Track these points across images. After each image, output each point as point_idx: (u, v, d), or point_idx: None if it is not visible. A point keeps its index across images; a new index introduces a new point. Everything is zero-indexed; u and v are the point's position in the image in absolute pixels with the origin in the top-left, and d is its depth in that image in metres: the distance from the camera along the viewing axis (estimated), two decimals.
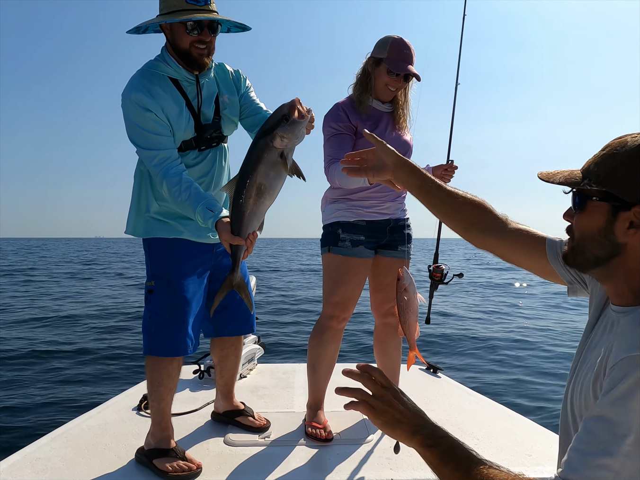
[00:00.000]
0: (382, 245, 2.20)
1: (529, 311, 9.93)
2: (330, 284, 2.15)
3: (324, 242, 2.18)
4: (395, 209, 2.21)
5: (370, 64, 2.10)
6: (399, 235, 2.22)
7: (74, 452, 1.91)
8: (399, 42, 2.04)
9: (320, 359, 2.15)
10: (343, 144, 2.04)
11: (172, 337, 1.81)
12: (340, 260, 2.11)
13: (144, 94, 1.68)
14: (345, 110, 2.08)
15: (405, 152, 2.15)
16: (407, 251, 2.24)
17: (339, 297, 2.12)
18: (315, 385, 2.18)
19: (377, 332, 2.37)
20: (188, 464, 1.78)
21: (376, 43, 2.10)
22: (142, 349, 1.85)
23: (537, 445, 2.01)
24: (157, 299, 1.82)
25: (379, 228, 2.16)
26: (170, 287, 1.82)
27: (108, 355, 5.89)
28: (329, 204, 2.19)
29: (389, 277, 2.21)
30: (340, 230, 2.11)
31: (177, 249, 1.85)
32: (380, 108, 2.15)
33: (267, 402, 2.53)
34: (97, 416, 2.29)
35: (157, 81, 1.74)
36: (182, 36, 1.70)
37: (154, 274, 1.85)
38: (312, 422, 2.12)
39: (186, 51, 1.72)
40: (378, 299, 2.28)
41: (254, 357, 3.12)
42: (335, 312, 2.13)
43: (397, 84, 2.08)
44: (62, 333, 7.22)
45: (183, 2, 1.66)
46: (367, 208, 2.13)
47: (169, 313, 1.81)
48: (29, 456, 1.88)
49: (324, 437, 2.04)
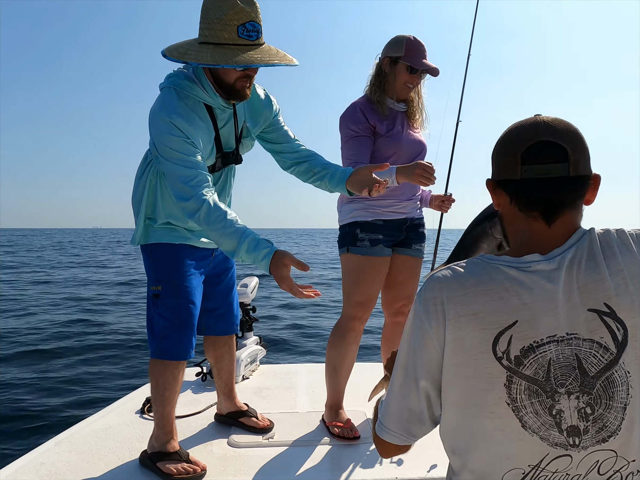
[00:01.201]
0: (397, 243, 2.20)
1: None
2: (350, 284, 2.14)
3: (342, 243, 2.17)
4: (412, 208, 2.21)
5: (387, 63, 2.09)
6: (414, 234, 2.24)
7: (78, 456, 1.91)
8: (414, 40, 2.06)
9: (341, 360, 2.15)
10: (363, 146, 2.05)
11: (182, 341, 1.82)
12: (359, 260, 2.11)
13: (184, 119, 1.60)
14: (363, 110, 2.07)
15: (420, 151, 2.19)
16: (421, 250, 2.27)
17: (361, 297, 2.12)
18: (336, 386, 2.18)
19: (386, 331, 2.36)
20: (192, 466, 1.77)
21: (387, 43, 2.11)
22: (150, 352, 1.86)
23: None
24: (166, 303, 1.82)
25: (396, 227, 2.16)
26: (178, 292, 1.82)
27: None
28: (346, 204, 2.18)
29: (402, 274, 2.23)
30: (359, 230, 2.10)
31: (184, 254, 1.86)
32: (395, 108, 2.15)
33: (270, 403, 2.52)
34: (100, 420, 2.29)
35: (193, 106, 1.66)
36: (228, 73, 1.61)
37: (161, 278, 1.84)
38: (336, 422, 2.12)
39: (228, 86, 1.65)
40: (390, 296, 2.28)
41: (256, 358, 3.12)
42: (357, 312, 2.13)
43: (416, 80, 2.10)
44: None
45: (234, 36, 1.51)
46: (384, 207, 2.13)
47: (178, 317, 1.81)
48: (33, 461, 1.87)
49: (352, 437, 2.04)
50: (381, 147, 2.10)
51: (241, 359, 2.88)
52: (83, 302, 10.52)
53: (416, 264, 2.27)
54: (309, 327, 8.01)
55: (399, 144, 2.10)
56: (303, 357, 6.06)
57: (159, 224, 1.84)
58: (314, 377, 2.95)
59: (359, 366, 3.15)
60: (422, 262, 2.31)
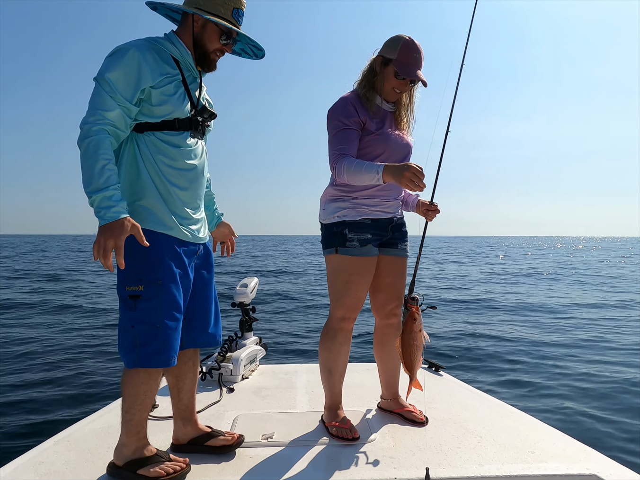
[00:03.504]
0: (382, 243, 2.18)
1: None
2: (340, 285, 2.10)
3: (330, 243, 2.11)
4: (396, 208, 2.21)
5: (379, 63, 2.06)
6: (398, 233, 2.23)
7: (77, 455, 1.92)
8: (409, 45, 1.99)
9: (335, 361, 2.14)
10: (351, 139, 2.00)
11: (168, 346, 1.67)
12: (349, 261, 2.07)
13: (149, 52, 1.63)
14: (354, 105, 2.02)
15: (406, 154, 2.15)
16: (406, 249, 2.25)
17: (351, 298, 2.09)
18: (333, 387, 2.17)
19: (378, 334, 2.33)
20: (177, 464, 1.73)
21: (386, 41, 2.06)
22: (125, 361, 1.67)
23: (539, 442, 2.01)
24: (148, 306, 1.64)
25: (383, 226, 2.15)
26: (164, 292, 1.66)
27: None
28: (331, 202, 2.14)
29: (390, 275, 2.22)
30: (347, 230, 2.06)
31: (169, 249, 1.69)
32: (384, 107, 2.13)
33: (270, 403, 2.53)
34: (99, 419, 2.29)
35: (159, 53, 1.68)
36: (213, 39, 1.72)
37: (143, 277, 1.64)
38: (335, 422, 2.10)
39: (206, 52, 1.74)
40: (380, 299, 2.25)
41: (255, 358, 3.13)
42: (347, 313, 2.11)
43: (403, 87, 2.06)
44: None
45: (229, 14, 1.71)
46: (371, 206, 2.10)
47: (162, 320, 1.65)
48: (32, 460, 1.88)
49: (351, 437, 2.02)
50: (370, 145, 2.06)
51: (240, 359, 2.89)
52: None
53: (403, 263, 2.25)
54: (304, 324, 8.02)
55: (388, 143, 2.06)
56: (301, 356, 6.05)
57: (141, 203, 1.68)
58: (313, 377, 2.96)
59: (357, 366, 3.16)
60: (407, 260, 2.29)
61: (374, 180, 1.86)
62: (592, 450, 1.94)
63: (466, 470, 1.77)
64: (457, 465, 1.81)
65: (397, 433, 2.12)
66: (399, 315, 2.28)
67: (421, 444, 1.99)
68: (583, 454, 1.90)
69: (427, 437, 2.07)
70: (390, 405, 2.34)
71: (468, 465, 1.81)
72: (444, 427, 2.17)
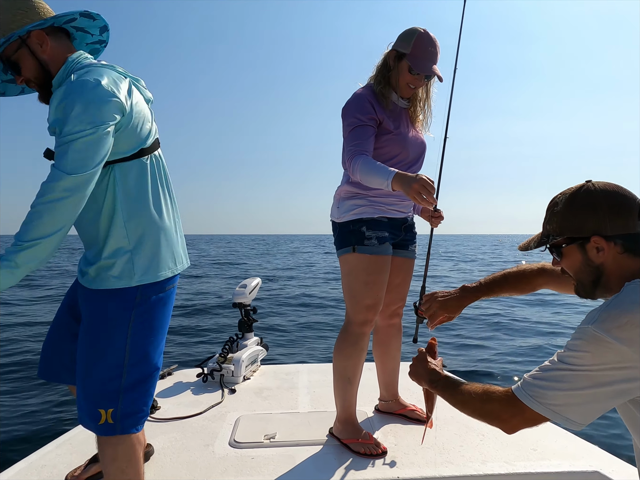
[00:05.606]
0: (394, 244, 2.11)
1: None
2: (359, 286, 1.97)
3: (347, 242, 1.99)
4: (410, 208, 2.15)
5: (393, 57, 1.96)
6: (410, 234, 2.19)
7: (79, 458, 1.91)
8: (424, 38, 1.90)
9: (355, 369, 2.00)
10: (367, 136, 1.89)
11: None
12: (368, 260, 1.96)
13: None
14: (371, 102, 1.93)
15: (422, 152, 2.09)
16: (415, 250, 2.22)
17: (372, 299, 1.97)
18: (350, 398, 2.02)
19: (379, 334, 2.27)
20: None
21: (400, 34, 1.96)
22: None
23: (542, 439, 2.01)
24: None
25: (397, 226, 2.09)
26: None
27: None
28: (346, 200, 2.03)
29: (399, 276, 2.18)
30: (365, 227, 1.97)
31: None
32: (399, 104, 2.04)
33: (272, 403, 2.53)
34: None
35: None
36: None
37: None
38: (357, 439, 1.96)
39: None
40: (386, 300, 2.15)
41: (257, 359, 3.12)
42: (368, 316, 1.98)
43: (418, 82, 1.97)
44: None
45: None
46: (388, 205, 2.02)
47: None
48: (35, 463, 1.87)
49: (380, 452, 1.91)
50: (387, 145, 1.97)
51: (242, 360, 2.89)
52: None
53: (411, 265, 2.22)
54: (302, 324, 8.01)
55: (405, 144, 1.99)
56: (300, 357, 6.05)
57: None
58: (314, 377, 2.96)
59: None
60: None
61: (383, 186, 1.75)
62: (594, 447, 1.94)
63: (469, 469, 1.77)
64: (460, 463, 1.81)
65: (398, 432, 2.11)
66: (402, 315, 2.27)
67: (422, 444, 1.99)
68: (586, 451, 1.90)
69: (429, 436, 2.07)
70: (391, 406, 2.33)
71: (471, 464, 1.81)
72: (446, 426, 2.17)
